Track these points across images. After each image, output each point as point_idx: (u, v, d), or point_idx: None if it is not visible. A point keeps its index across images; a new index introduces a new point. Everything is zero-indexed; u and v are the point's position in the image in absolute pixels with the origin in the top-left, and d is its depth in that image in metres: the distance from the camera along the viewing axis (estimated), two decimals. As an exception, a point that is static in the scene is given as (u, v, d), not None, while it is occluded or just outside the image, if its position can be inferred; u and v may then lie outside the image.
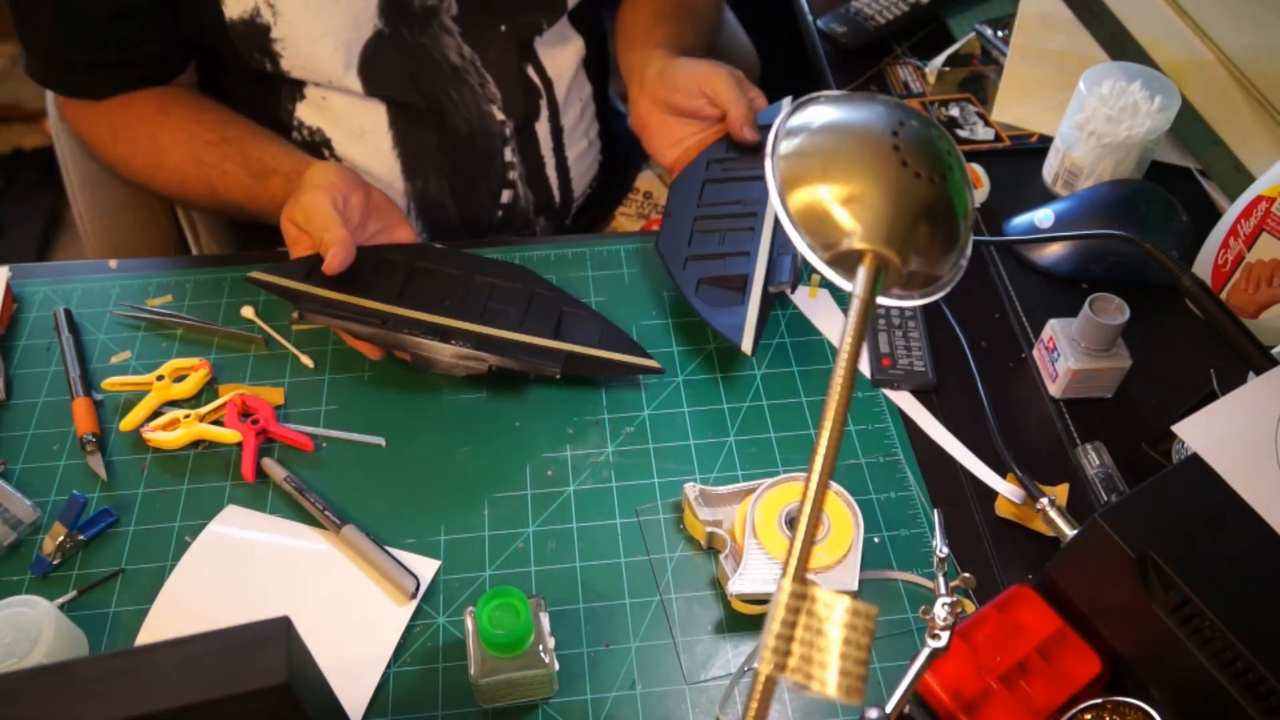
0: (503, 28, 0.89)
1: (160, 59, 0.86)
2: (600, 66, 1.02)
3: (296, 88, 0.87)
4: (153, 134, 0.85)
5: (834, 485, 0.67)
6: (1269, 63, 0.96)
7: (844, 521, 0.64)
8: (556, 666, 0.58)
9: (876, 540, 0.68)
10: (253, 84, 0.87)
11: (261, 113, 0.88)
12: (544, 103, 0.94)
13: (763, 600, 0.63)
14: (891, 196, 0.42)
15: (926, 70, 1.04)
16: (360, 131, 0.89)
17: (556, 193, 0.99)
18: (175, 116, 0.85)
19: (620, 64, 0.98)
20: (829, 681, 0.33)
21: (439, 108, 0.89)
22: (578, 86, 0.97)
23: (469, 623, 0.59)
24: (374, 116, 0.88)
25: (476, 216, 0.96)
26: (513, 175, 0.96)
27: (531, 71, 0.92)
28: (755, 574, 0.62)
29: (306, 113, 0.88)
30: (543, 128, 0.95)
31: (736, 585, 0.62)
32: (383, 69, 0.86)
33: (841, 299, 0.83)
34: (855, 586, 0.62)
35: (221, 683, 0.42)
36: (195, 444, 0.73)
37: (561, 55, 0.94)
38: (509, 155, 0.94)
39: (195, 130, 0.84)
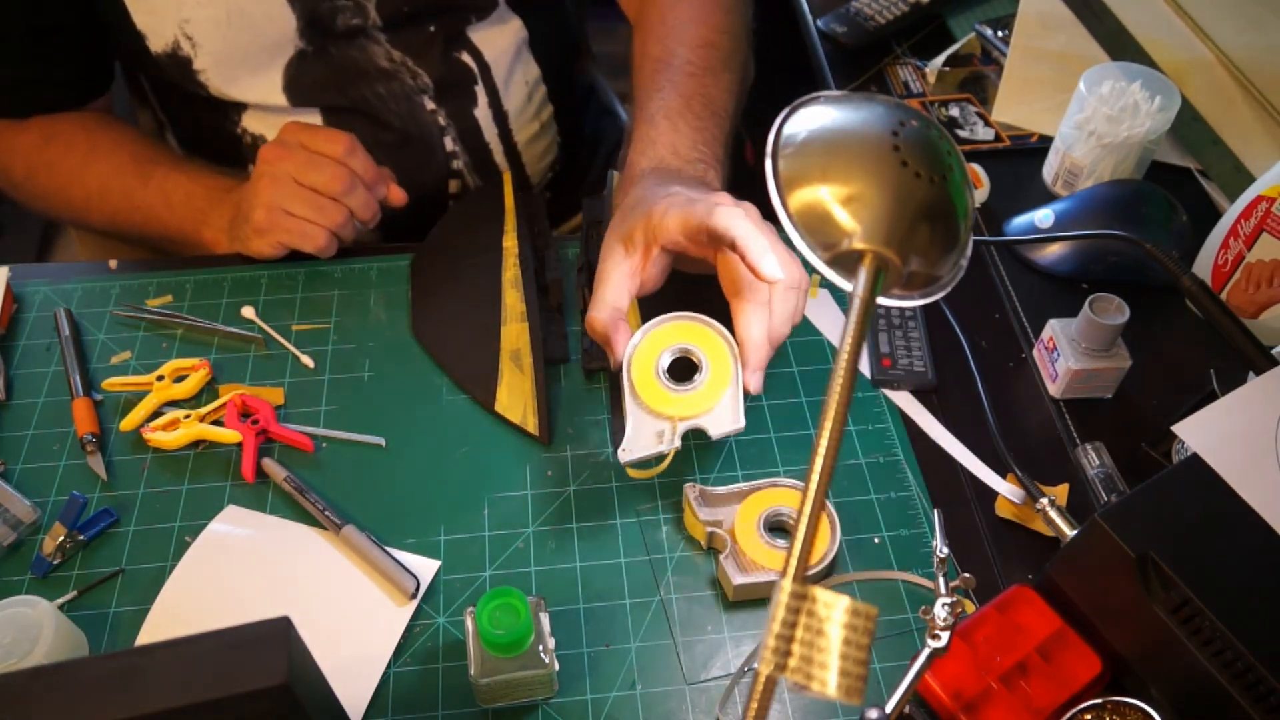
0: (432, 28, 0.88)
1: (78, 80, 0.87)
2: (550, 48, 0.99)
3: (239, 104, 0.88)
4: (81, 152, 0.86)
5: (702, 317, 0.65)
6: (1269, 63, 0.96)
7: (720, 358, 0.64)
8: (556, 666, 0.58)
9: (876, 540, 0.68)
10: (201, 99, 0.88)
11: (211, 122, 0.89)
12: (480, 89, 0.92)
13: (651, 464, 0.64)
14: (891, 197, 0.42)
15: (926, 70, 1.04)
16: None
17: None
18: (102, 143, 0.87)
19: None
20: (829, 681, 0.33)
21: (368, 108, 0.89)
22: (521, 68, 0.95)
23: (469, 623, 0.59)
24: (309, 122, 0.88)
25: (428, 211, 0.94)
26: (457, 164, 0.94)
27: (466, 56, 0.91)
28: (641, 435, 0.63)
29: (251, 122, 0.89)
30: (483, 114, 0.93)
31: (626, 454, 0.63)
32: (307, 83, 0.86)
33: (841, 299, 0.83)
34: (742, 424, 0.63)
35: (221, 683, 0.42)
36: (195, 444, 0.73)
37: (498, 38, 0.92)
38: (450, 145, 0.93)
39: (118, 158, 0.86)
